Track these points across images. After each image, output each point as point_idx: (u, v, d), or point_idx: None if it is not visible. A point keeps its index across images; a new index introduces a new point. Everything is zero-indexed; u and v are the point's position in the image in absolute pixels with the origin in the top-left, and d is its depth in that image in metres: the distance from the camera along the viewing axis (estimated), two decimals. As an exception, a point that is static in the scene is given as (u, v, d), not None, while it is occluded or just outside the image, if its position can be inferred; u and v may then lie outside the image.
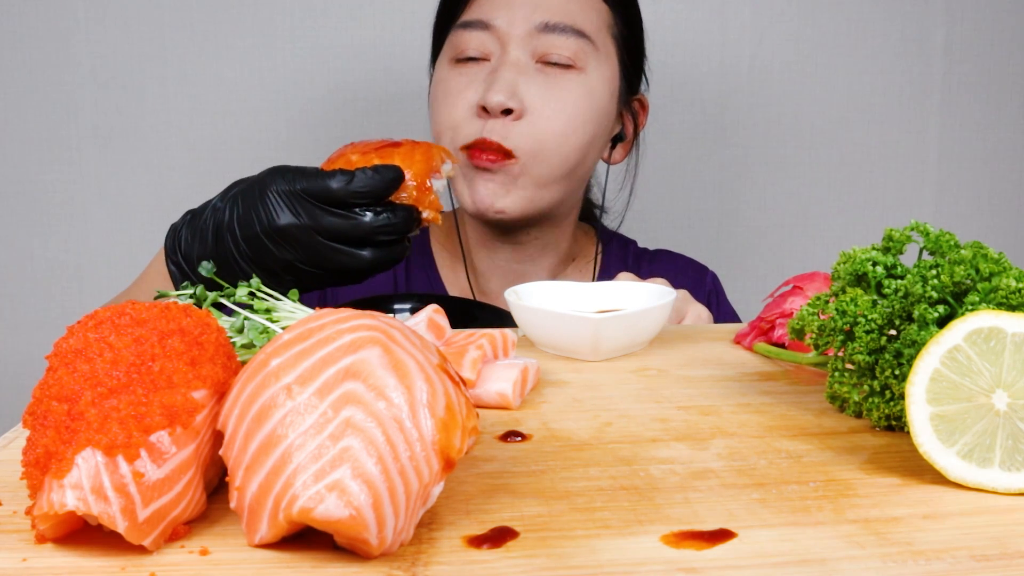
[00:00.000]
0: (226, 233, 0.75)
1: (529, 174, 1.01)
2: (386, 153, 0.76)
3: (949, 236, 0.56)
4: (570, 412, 0.60)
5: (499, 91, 0.98)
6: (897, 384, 0.54)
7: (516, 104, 0.98)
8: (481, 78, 1.01)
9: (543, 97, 1.00)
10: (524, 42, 1.01)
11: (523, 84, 1.00)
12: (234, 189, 0.77)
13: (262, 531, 0.40)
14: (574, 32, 1.01)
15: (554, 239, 1.12)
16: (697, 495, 0.46)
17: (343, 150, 0.79)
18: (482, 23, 1.02)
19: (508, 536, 0.42)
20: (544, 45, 1.01)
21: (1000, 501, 0.45)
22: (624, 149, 1.15)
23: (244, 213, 0.74)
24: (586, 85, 1.02)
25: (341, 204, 0.73)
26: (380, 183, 0.73)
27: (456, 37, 1.04)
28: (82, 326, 0.44)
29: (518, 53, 1.01)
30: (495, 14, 1.01)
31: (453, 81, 1.03)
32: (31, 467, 0.41)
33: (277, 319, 0.57)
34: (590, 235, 1.21)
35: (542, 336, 0.75)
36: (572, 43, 1.01)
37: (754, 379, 0.68)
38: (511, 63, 1.00)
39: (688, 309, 0.89)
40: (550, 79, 1.01)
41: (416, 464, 0.40)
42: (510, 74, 0.99)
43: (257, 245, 0.74)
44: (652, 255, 1.20)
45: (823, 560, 0.39)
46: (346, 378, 0.41)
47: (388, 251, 0.76)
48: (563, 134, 1.01)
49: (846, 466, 0.50)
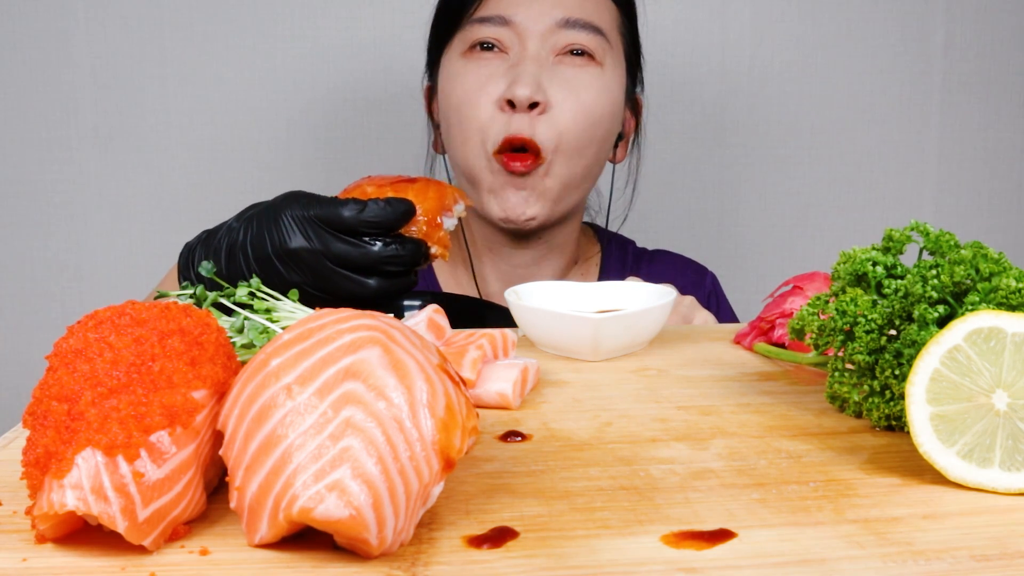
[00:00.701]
0: (239, 253, 0.76)
1: (554, 174, 1.02)
2: (400, 188, 0.77)
3: (949, 236, 0.56)
4: (570, 412, 0.60)
5: (526, 84, 0.98)
6: (897, 384, 0.54)
7: (542, 97, 0.99)
8: (501, 72, 1.01)
9: (564, 90, 1.00)
10: (544, 37, 1.01)
11: (545, 78, 1.00)
12: (250, 211, 0.78)
13: (262, 531, 0.40)
14: (592, 28, 1.02)
15: (561, 241, 1.12)
16: (697, 495, 0.46)
17: (360, 182, 0.80)
18: (501, 18, 1.01)
19: (508, 536, 0.42)
20: (563, 39, 1.01)
21: (1000, 501, 0.45)
22: (624, 148, 1.15)
23: (257, 234, 0.76)
24: (603, 79, 1.03)
25: (352, 232, 0.74)
26: (391, 215, 0.74)
27: (471, 31, 1.03)
28: (82, 326, 0.44)
29: (538, 48, 1.01)
30: (514, 10, 1.01)
31: (471, 74, 1.02)
32: (31, 467, 0.41)
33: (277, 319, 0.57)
34: (590, 237, 1.21)
35: (542, 336, 0.75)
36: (590, 38, 1.02)
37: (754, 379, 0.68)
38: (532, 57, 1.00)
39: (695, 316, 0.89)
40: (570, 72, 1.01)
41: (416, 464, 0.40)
42: (533, 67, 0.99)
43: (268, 266, 0.75)
44: (651, 255, 1.20)
45: (823, 560, 0.39)
46: (346, 378, 0.41)
47: (394, 281, 0.77)
48: (584, 127, 1.01)
49: (846, 466, 0.50)
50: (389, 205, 0.74)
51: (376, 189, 0.77)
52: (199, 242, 0.80)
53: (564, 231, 1.12)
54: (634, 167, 1.20)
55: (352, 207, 0.74)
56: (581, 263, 1.18)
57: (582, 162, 1.03)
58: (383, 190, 0.77)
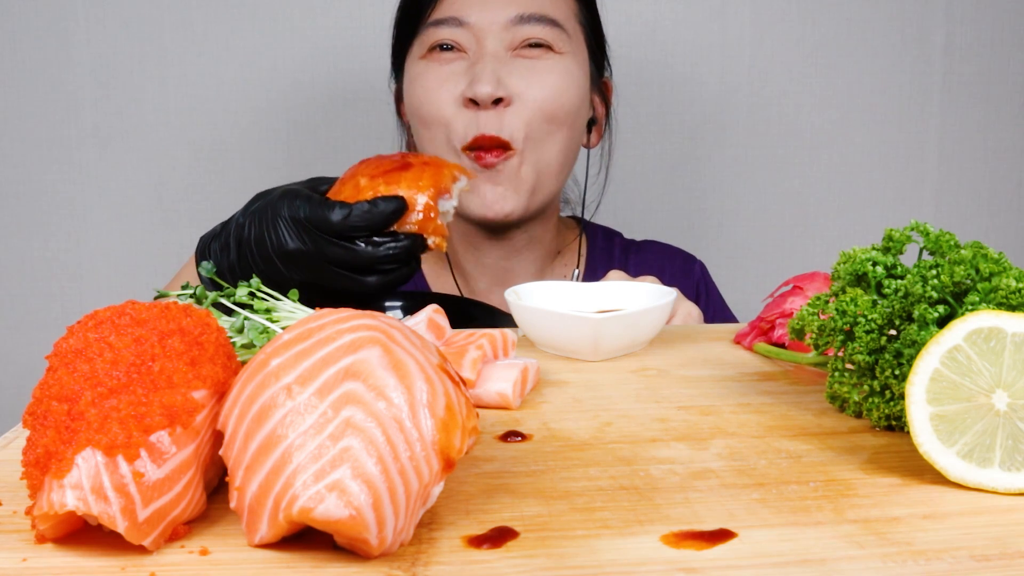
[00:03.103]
0: (245, 249, 0.78)
1: (528, 163, 1.02)
2: (393, 178, 0.76)
3: (949, 236, 0.56)
4: (570, 412, 0.60)
5: (486, 82, 0.99)
6: (897, 384, 0.54)
7: (504, 92, 0.99)
8: (460, 71, 1.02)
9: (527, 80, 1.01)
10: (499, 35, 1.02)
11: (505, 72, 1.01)
12: (254, 205, 0.80)
13: (262, 531, 0.40)
14: (547, 21, 1.03)
15: (539, 234, 1.13)
16: (697, 495, 0.46)
17: (355, 169, 0.80)
18: (456, 20, 1.03)
19: (508, 536, 0.42)
20: (520, 35, 1.02)
21: (1000, 501, 0.45)
22: (598, 133, 1.16)
23: (258, 233, 0.77)
24: (563, 63, 1.04)
25: (341, 235, 0.74)
26: (378, 217, 0.74)
27: (428, 35, 1.04)
28: (82, 326, 0.44)
29: (495, 45, 1.02)
30: (468, 11, 1.02)
31: (431, 74, 1.03)
32: (31, 467, 0.41)
33: (277, 319, 0.57)
34: (571, 228, 1.21)
35: (542, 336, 0.75)
36: (547, 31, 1.03)
37: (754, 379, 0.68)
38: (490, 55, 1.01)
39: (678, 307, 0.89)
40: (529, 63, 1.02)
41: (416, 464, 0.40)
42: (493, 64, 1.00)
43: (271, 264, 0.77)
44: (639, 246, 1.21)
45: (823, 560, 0.39)
46: (346, 378, 0.41)
47: (394, 276, 0.77)
48: (551, 113, 1.02)
49: (846, 466, 0.50)
50: (376, 207, 0.74)
51: (369, 181, 0.77)
52: (213, 235, 0.82)
53: (542, 224, 1.12)
54: (607, 152, 1.21)
55: (339, 212, 0.74)
56: (563, 255, 1.18)
57: (554, 148, 1.04)
58: (375, 182, 0.77)
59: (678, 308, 0.89)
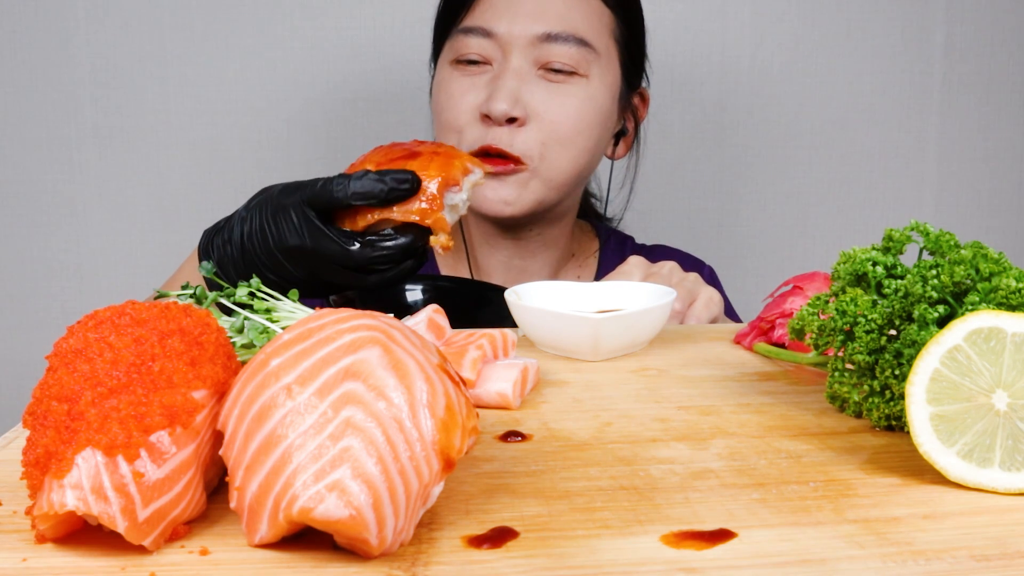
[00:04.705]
0: (248, 244, 0.78)
1: (540, 177, 1.03)
2: (400, 166, 0.76)
3: (949, 236, 0.56)
4: (570, 412, 0.60)
5: (502, 99, 0.98)
6: (897, 384, 0.54)
7: (520, 112, 0.99)
8: (483, 83, 1.02)
9: (546, 103, 1.01)
10: (526, 50, 1.01)
11: (526, 91, 1.01)
12: (256, 199, 0.80)
13: (262, 531, 0.40)
14: (576, 41, 1.02)
15: (554, 236, 1.14)
16: (697, 495, 0.46)
17: (366, 156, 0.80)
18: (483, 30, 1.02)
19: (508, 536, 0.42)
20: (546, 54, 1.01)
21: (1000, 501, 0.45)
22: (626, 144, 1.16)
23: (260, 228, 0.77)
24: (588, 90, 1.03)
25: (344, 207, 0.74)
26: (380, 186, 0.74)
27: (457, 41, 1.05)
28: (82, 326, 0.44)
29: (520, 61, 1.01)
30: (496, 22, 1.02)
31: (455, 83, 1.04)
32: (31, 467, 0.41)
33: (277, 319, 0.57)
34: (588, 232, 1.22)
35: (542, 336, 0.75)
36: (574, 51, 1.02)
37: (754, 379, 0.68)
38: (513, 71, 1.01)
39: (700, 291, 0.89)
40: (552, 86, 1.02)
41: (416, 464, 0.40)
42: (512, 82, 1.00)
43: (273, 258, 0.77)
44: (650, 250, 1.22)
45: (823, 560, 0.39)
46: (346, 378, 0.41)
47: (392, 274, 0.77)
48: (569, 139, 1.02)
49: (846, 466, 0.50)
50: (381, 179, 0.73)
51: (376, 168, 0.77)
52: (216, 230, 0.82)
53: (558, 227, 1.13)
54: (632, 166, 1.21)
55: (340, 181, 0.74)
56: (578, 257, 1.19)
57: (567, 165, 1.04)
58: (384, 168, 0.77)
59: (700, 292, 0.89)
